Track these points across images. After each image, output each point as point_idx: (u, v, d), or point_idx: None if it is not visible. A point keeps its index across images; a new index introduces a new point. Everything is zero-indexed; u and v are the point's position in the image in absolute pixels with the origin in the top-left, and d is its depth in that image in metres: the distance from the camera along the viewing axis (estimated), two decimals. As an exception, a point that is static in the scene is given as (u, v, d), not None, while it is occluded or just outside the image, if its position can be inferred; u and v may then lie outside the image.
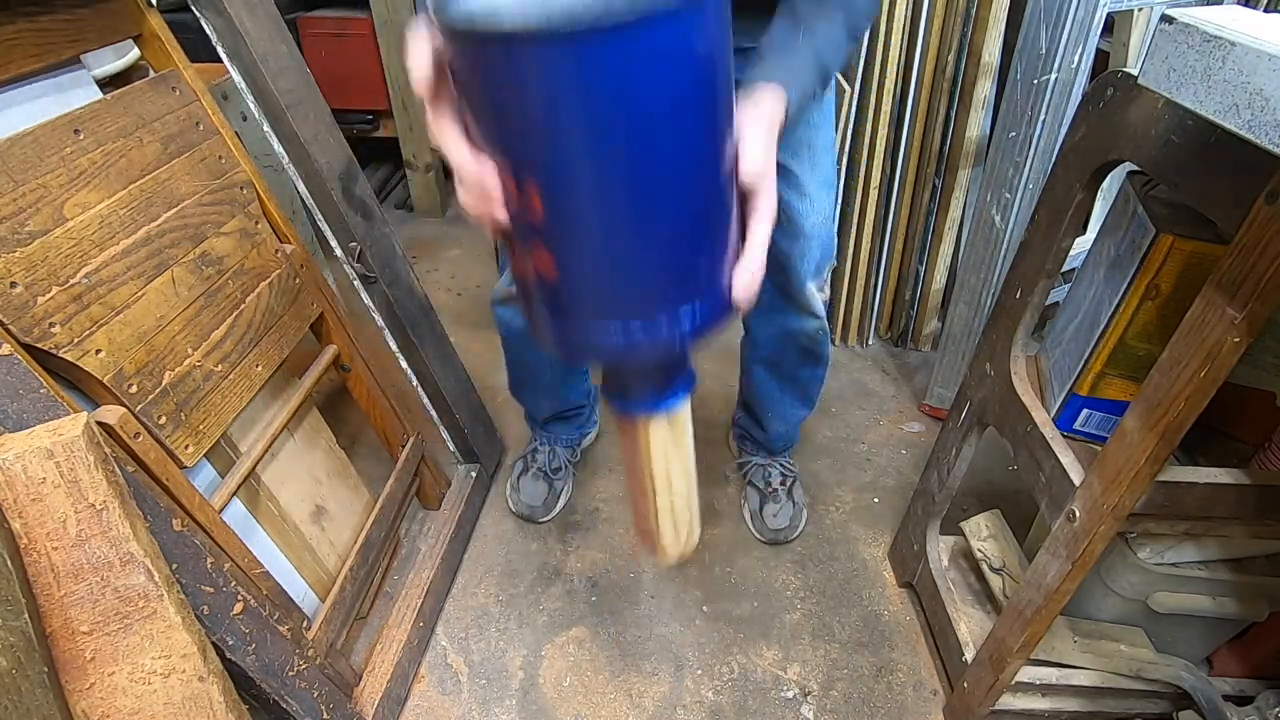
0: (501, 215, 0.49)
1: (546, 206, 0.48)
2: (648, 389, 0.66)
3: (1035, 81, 1.13)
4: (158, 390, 0.73)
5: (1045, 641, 0.89)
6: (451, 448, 1.31)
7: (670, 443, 0.70)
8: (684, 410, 0.68)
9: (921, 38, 1.37)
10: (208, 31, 0.85)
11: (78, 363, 0.65)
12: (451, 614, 1.16)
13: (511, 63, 0.40)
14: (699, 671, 1.09)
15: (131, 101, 0.76)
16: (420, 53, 0.48)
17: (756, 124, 0.53)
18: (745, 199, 0.54)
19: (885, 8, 1.33)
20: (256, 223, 0.89)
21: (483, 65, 0.42)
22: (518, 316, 1.09)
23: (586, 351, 0.62)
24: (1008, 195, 1.24)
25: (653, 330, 0.54)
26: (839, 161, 1.50)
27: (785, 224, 0.93)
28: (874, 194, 1.53)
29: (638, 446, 0.70)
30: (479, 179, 0.47)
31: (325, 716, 0.83)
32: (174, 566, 0.63)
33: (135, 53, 1.00)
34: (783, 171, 0.91)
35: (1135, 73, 0.59)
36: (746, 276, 0.54)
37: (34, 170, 0.64)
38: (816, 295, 0.99)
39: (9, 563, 0.53)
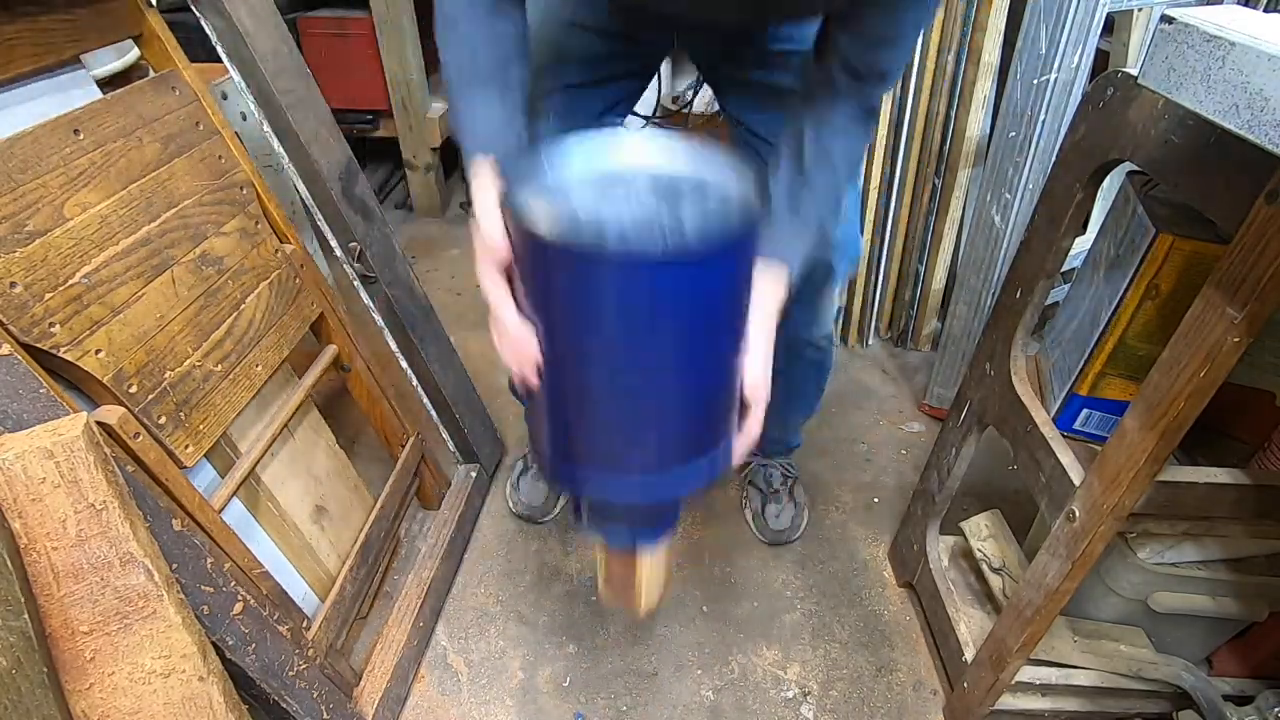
0: (534, 379, 0.54)
1: (581, 382, 0.54)
2: (645, 526, 0.72)
3: (1035, 81, 1.13)
4: (157, 390, 0.73)
5: (1045, 641, 0.89)
6: (451, 448, 1.31)
7: (659, 564, 0.78)
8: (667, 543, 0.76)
9: (921, 38, 1.37)
10: (208, 31, 0.85)
11: (77, 363, 0.65)
12: (451, 614, 1.16)
13: (607, 275, 0.45)
14: (699, 671, 1.09)
15: (132, 101, 0.76)
16: (497, 225, 0.53)
17: (759, 324, 0.59)
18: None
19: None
20: (256, 223, 0.89)
21: (579, 275, 0.47)
22: None
23: (584, 491, 0.70)
24: (1008, 195, 1.24)
25: (651, 487, 0.62)
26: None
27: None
28: (874, 194, 1.53)
29: (628, 567, 0.77)
30: (520, 343, 0.52)
31: (325, 716, 0.83)
32: (174, 566, 0.63)
33: (135, 53, 1.00)
34: None
35: (1135, 73, 0.59)
36: (744, 446, 0.61)
37: (34, 170, 0.64)
38: (832, 303, 0.99)
39: (9, 563, 0.53)
